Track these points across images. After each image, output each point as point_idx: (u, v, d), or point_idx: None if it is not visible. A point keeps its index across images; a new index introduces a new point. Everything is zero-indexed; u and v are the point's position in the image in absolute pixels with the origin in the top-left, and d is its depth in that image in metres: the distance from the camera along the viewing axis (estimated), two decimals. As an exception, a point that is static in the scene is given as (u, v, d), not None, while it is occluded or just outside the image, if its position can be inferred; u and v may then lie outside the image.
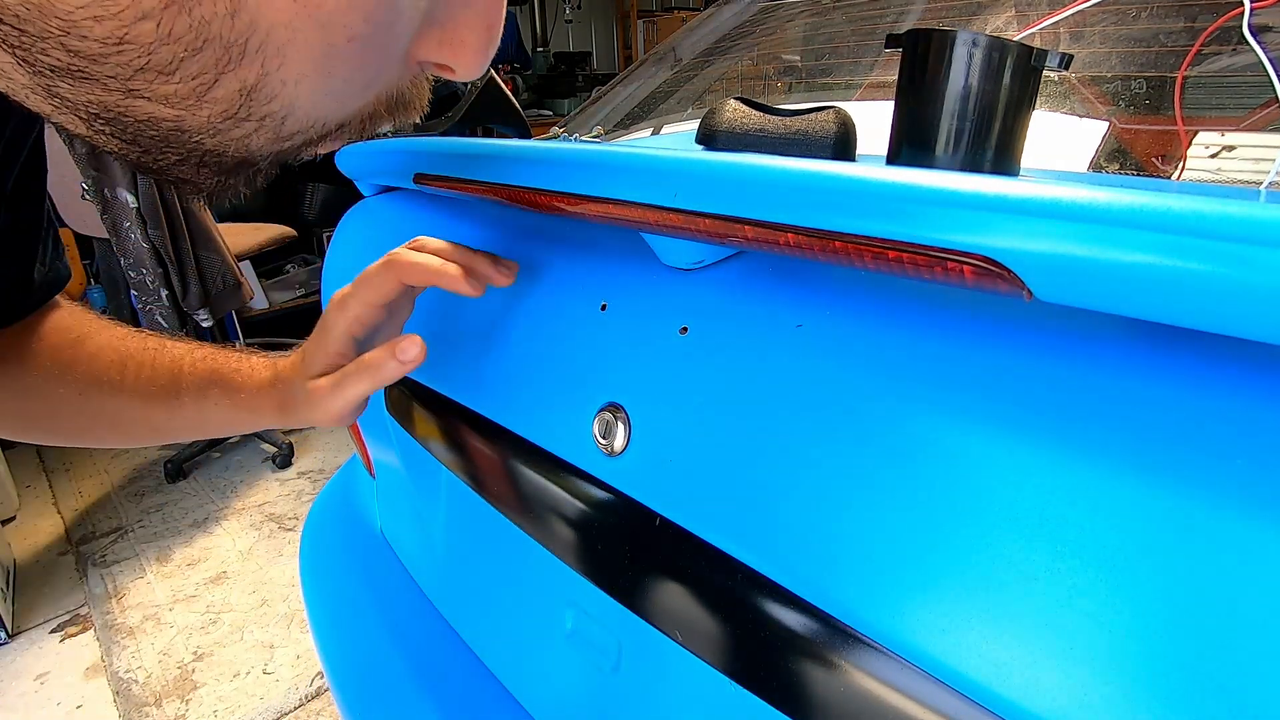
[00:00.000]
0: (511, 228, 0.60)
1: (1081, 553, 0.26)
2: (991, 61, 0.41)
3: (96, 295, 2.72)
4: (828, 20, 0.95)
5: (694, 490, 0.41)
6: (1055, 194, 0.24)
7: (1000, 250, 0.25)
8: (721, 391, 0.40)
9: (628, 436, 0.44)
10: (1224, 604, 0.23)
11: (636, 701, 0.47)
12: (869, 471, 0.33)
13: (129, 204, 1.81)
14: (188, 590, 1.70)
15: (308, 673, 1.44)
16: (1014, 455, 0.29)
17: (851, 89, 0.80)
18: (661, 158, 0.37)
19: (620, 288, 0.47)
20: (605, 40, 5.01)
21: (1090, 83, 0.58)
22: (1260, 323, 0.21)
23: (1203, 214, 0.21)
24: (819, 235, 0.31)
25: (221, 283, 2.01)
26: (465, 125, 0.73)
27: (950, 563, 0.30)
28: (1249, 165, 0.50)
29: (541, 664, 0.56)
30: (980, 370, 0.31)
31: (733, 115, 0.50)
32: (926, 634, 0.31)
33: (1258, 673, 0.22)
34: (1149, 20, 0.59)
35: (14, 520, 2.01)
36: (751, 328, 0.39)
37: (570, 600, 0.52)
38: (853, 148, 0.47)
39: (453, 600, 0.69)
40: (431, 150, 0.55)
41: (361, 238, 0.76)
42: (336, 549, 0.86)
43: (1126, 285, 0.23)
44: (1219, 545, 0.24)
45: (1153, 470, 0.25)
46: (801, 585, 0.36)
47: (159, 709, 1.38)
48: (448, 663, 0.66)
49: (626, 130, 0.93)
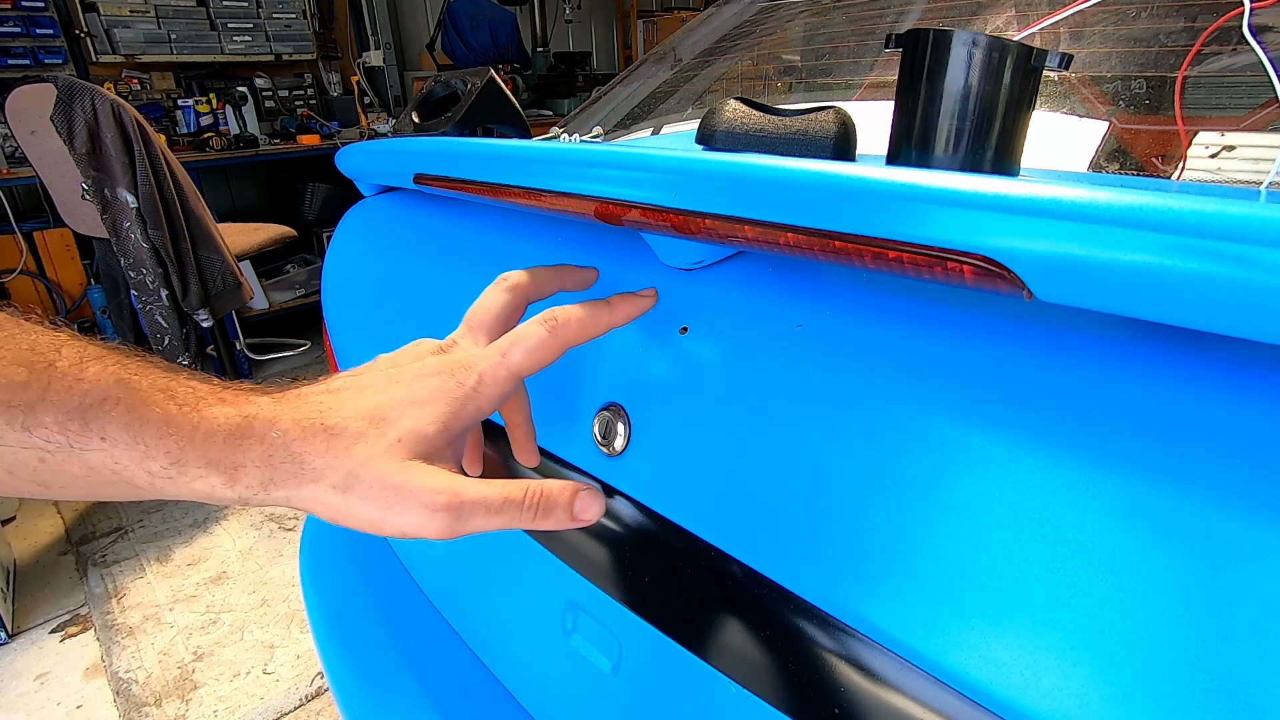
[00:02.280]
0: (511, 228, 0.60)
1: (1082, 552, 0.26)
2: (991, 61, 0.41)
3: (96, 295, 2.73)
4: (828, 20, 0.95)
5: (694, 490, 0.41)
6: (1055, 194, 0.24)
7: (1000, 250, 0.25)
8: (721, 391, 0.39)
9: (628, 436, 0.44)
10: (1224, 605, 0.23)
11: (636, 702, 0.47)
12: (869, 471, 0.33)
13: (129, 204, 1.81)
14: (188, 590, 1.70)
15: (308, 673, 1.44)
16: (1014, 455, 0.29)
17: (851, 89, 0.80)
18: (661, 158, 0.37)
19: (620, 288, 0.47)
20: (605, 40, 5.01)
21: (1090, 83, 0.58)
22: (1260, 323, 0.21)
23: (1203, 214, 0.21)
24: (819, 235, 0.31)
25: (221, 283, 2.01)
26: (465, 125, 0.73)
27: (950, 562, 0.30)
28: (1249, 165, 0.50)
29: (541, 664, 0.56)
30: (980, 370, 0.31)
31: (733, 115, 0.50)
32: (927, 634, 0.31)
33: (1258, 674, 0.22)
34: (1149, 20, 0.59)
35: (14, 520, 2.01)
36: (751, 328, 0.39)
37: (570, 600, 0.52)
38: (853, 148, 0.47)
39: (453, 600, 0.69)
40: (431, 150, 0.55)
41: (361, 238, 0.76)
42: (336, 549, 0.86)
43: (1126, 285, 0.23)
44: (1219, 545, 0.23)
45: (1153, 470, 0.25)
46: (801, 585, 0.36)
47: (159, 709, 1.38)
48: (448, 663, 0.66)
49: (626, 130, 0.93)
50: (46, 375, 0.28)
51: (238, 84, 3.31)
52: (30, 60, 2.74)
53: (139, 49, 3.01)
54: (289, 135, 3.33)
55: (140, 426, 0.29)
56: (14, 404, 0.27)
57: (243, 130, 3.18)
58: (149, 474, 0.29)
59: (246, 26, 3.27)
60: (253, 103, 3.31)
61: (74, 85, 1.73)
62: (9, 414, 0.27)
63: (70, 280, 2.79)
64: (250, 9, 3.28)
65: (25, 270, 2.67)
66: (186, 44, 3.13)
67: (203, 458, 0.29)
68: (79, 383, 0.28)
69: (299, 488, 0.30)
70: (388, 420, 0.32)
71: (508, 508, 0.31)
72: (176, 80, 3.25)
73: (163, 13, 3.04)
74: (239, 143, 3.02)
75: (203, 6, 3.15)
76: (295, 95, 3.55)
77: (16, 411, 0.27)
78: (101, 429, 0.28)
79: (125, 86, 3.09)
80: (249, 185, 3.51)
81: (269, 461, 0.30)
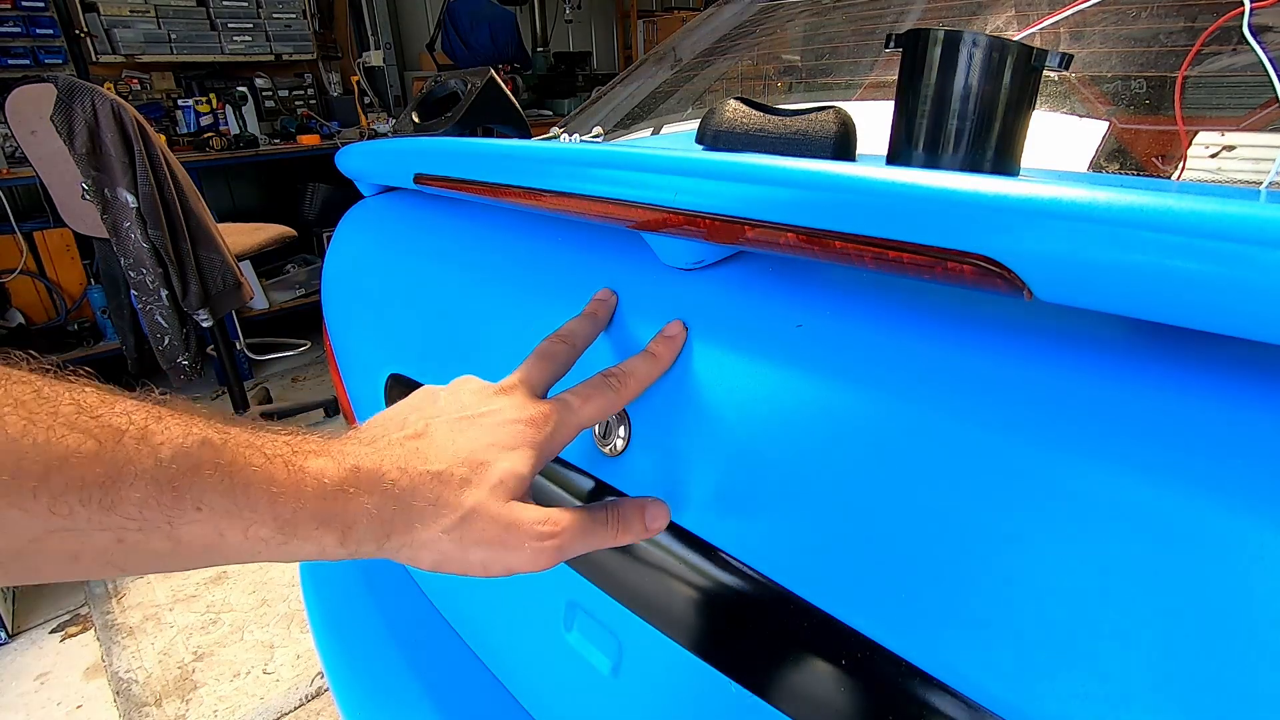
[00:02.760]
0: (511, 228, 0.60)
1: (1082, 553, 0.26)
2: (991, 61, 0.41)
3: (96, 295, 2.73)
4: (828, 20, 0.95)
5: (694, 490, 0.41)
6: (1055, 194, 0.24)
7: (1000, 250, 0.25)
8: (721, 391, 0.40)
9: (628, 437, 0.44)
10: (1226, 605, 0.23)
11: (637, 702, 0.47)
12: (869, 471, 0.33)
13: (129, 204, 1.81)
14: (188, 590, 1.70)
15: (308, 673, 1.44)
16: (1014, 454, 0.29)
17: (851, 89, 0.80)
18: (661, 158, 0.37)
19: (620, 288, 0.47)
20: (605, 40, 5.01)
21: (1090, 83, 0.58)
22: (1260, 323, 0.21)
23: (1203, 214, 0.21)
24: (819, 235, 0.31)
25: (221, 283, 2.01)
26: (465, 125, 0.73)
27: (950, 563, 0.30)
28: (1249, 165, 0.50)
29: (541, 664, 0.56)
30: (980, 369, 0.31)
31: (733, 115, 0.50)
32: (927, 634, 0.31)
33: (1259, 675, 0.22)
34: (1149, 20, 0.59)
35: (14, 520, 2.01)
36: (751, 328, 0.39)
37: (571, 600, 0.52)
38: (853, 148, 0.47)
39: (453, 600, 0.69)
40: (431, 150, 0.55)
41: (361, 238, 0.76)
42: (336, 549, 0.86)
43: (1126, 285, 0.23)
44: (1220, 546, 0.23)
45: (1153, 470, 0.25)
46: (802, 585, 0.36)
47: (159, 709, 1.38)
48: (448, 663, 0.66)
49: (626, 130, 0.93)
50: (119, 443, 0.24)
51: (238, 84, 3.31)
52: (30, 60, 2.74)
53: (139, 49, 3.01)
54: (289, 135, 3.33)
55: (243, 491, 0.26)
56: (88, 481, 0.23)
57: (243, 130, 3.18)
58: (253, 540, 0.26)
59: (246, 26, 3.27)
60: (253, 103, 3.31)
61: (74, 85, 1.73)
62: (84, 492, 0.23)
63: (70, 280, 2.79)
64: (250, 9, 3.27)
65: (25, 270, 2.67)
66: (186, 44, 3.13)
67: (315, 517, 0.27)
68: (160, 448, 0.24)
69: (411, 534, 0.30)
70: (486, 465, 0.32)
71: (596, 529, 0.34)
72: (176, 80, 3.24)
73: (163, 13, 3.04)
74: (239, 143, 3.02)
75: (203, 6, 3.15)
76: (295, 95, 3.55)
77: (93, 489, 0.23)
78: (198, 499, 0.25)
79: (125, 86, 3.09)
80: (249, 185, 3.51)
81: (381, 512, 0.29)
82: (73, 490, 0.22)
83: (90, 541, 0.23)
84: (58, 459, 0.22)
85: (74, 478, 0.22)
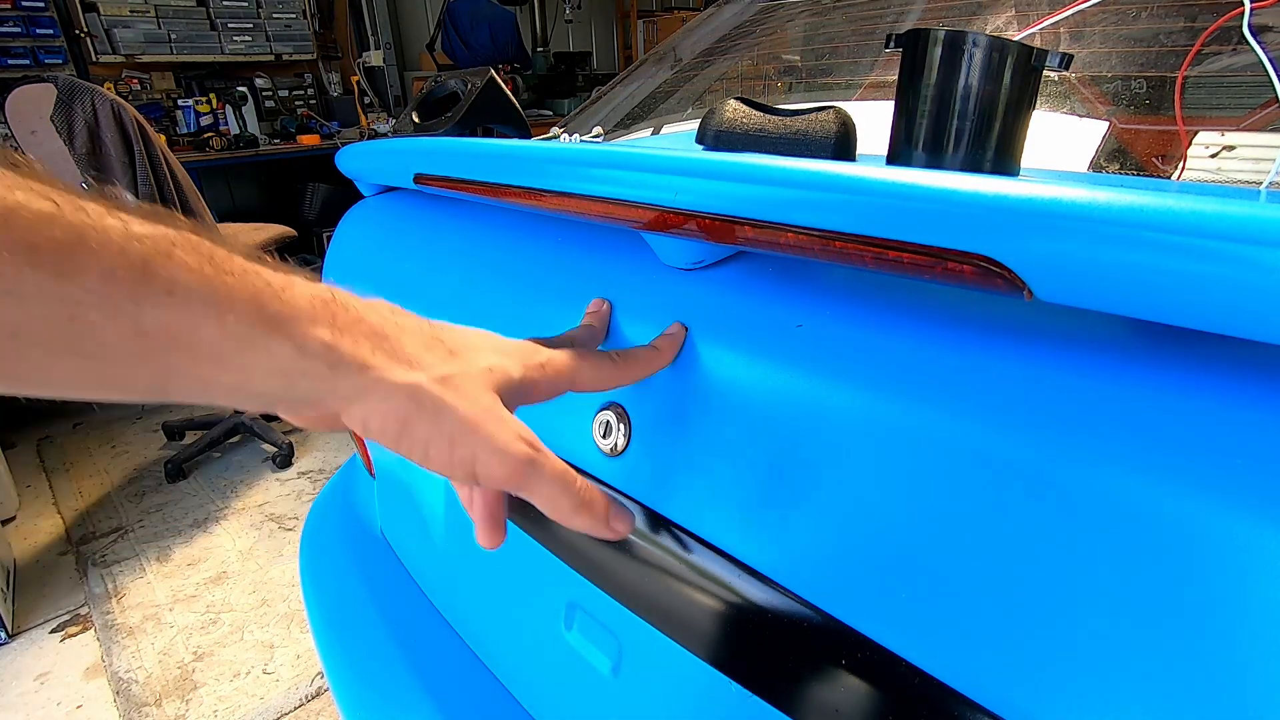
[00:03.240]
0: (511, 228, 0.60)
1: (1083, 553, 0.26)
2: (991, 61, 0.41)
3: (96, 295, 2.73)
4: (828, 20, 0.95)
5: (694, 490, 0.41)
6: (1055, 194, 0.24)
7: (1000, 250, 0.25)
8: (721, 391, 0.40)
9: (628, 437, 0.44)
10: (1225, 605, 0.23)
11: (637, 702, 0.47)
12: (869, 471, 0.33)
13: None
14: (188, 590, 1.70)
15: (308, 673, 1.44)
16: (1014, 454, 0.29)
17: (851, 89, 0.80)
18: (661, 158, 0.37)
19: (620, 288, 0.47)
20: (605, 40, 5.01)
21: (1090, 83, 0.58)
22: (1260, 323, 0.21)
23: (1203, 214, 0.21)
24: (819, 235, 0.31)
25: (221, 283, 2.01)
26: (465, 125, 0.73)
27: (950, 563, 0.30)
28: (1249, 165, 0.50)
29: (541, 664, 0.56)
30: (980, 369, 0.31)
31: (733, 115, 0.50)
32: (927, 634, 0.31)
33: (1259, 675, 0.22)
34: (1149, 20, 0.59)
35: (14, 520, 2.01)
36: (751, 328, 0.39)
37: (570, 600, 0.52)
38: (853, 148, 0.47)
39: (453, 600, 0.69)
40: (431, 150, 0.55)
41: (361, 238, 0.76)
42: (336, 549, 0.86)
43: (1126, 285, 0.23)
44: (1220, 546, 0.23)
45: (1153, 470, 0.25)
46: (802, 584, 0.36)
47: (159, 709, 1.38)
48: (448, 663, 0.66)
49: (626, 130, 0.93)
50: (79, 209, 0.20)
51: (238, 84, 3.31)
52: (30, 60, 2.75)
53: (139, 49, 3.01)
54: (289, 135, 3.33)
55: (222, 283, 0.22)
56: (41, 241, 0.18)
57: (243, 130, 3.18)
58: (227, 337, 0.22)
59: (246, 26, 3.27)
60: (253, 103, 3.31)
61: (74, 85, 1.73)
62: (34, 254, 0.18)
63: None
64: (250, 9, 3.28)
65: (25, 270, 2.67)
66: (186, 44, 3.13)
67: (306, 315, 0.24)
68: (130, 221, 0.21)
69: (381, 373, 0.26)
70: (478, 350, 0.31)
71: (566, 481, 0.31)
72: (176, 80, 3.25)
73: (163, 13, 3.04)
74: (239, 143, 3.02)
75: (203, 6, 3.15)
76: (295, 95, 3.56)
77: (46, 252, 0.19)
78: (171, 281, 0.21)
79: (125, 86, 3.09)
80: (249, 185, 3.51)
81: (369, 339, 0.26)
82: (20, 249, 0.18)
83: (35, 313, 0.19)
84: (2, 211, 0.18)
85: (23, 233, 0.18)
